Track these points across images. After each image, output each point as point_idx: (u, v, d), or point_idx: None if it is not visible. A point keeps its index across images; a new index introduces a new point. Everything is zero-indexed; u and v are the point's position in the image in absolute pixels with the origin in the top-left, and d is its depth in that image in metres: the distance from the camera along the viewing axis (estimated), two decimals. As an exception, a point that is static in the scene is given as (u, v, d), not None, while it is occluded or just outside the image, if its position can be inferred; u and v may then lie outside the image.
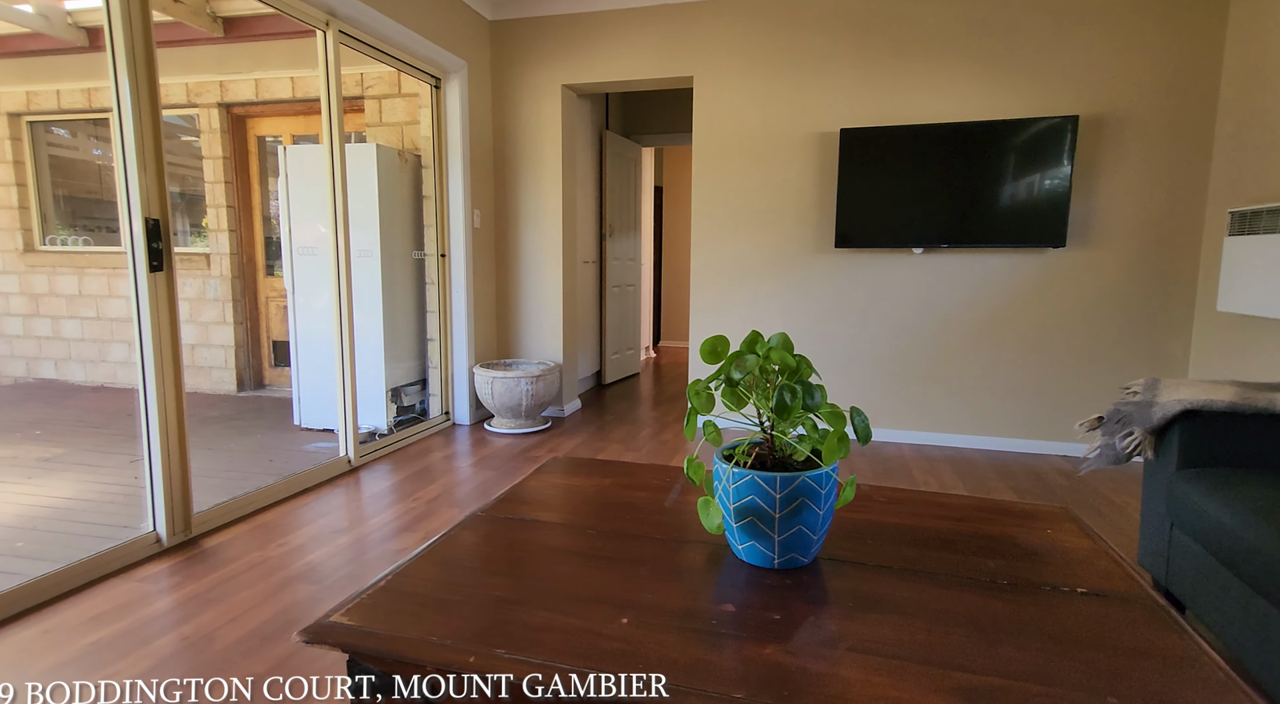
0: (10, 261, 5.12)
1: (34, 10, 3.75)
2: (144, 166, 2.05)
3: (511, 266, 4.08)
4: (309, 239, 3.61)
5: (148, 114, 2.05)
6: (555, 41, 3.81)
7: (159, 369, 2.11)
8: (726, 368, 1.06)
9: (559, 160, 3.91)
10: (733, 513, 1.02)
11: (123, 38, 1.98)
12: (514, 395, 3.55)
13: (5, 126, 4.99)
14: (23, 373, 5.22)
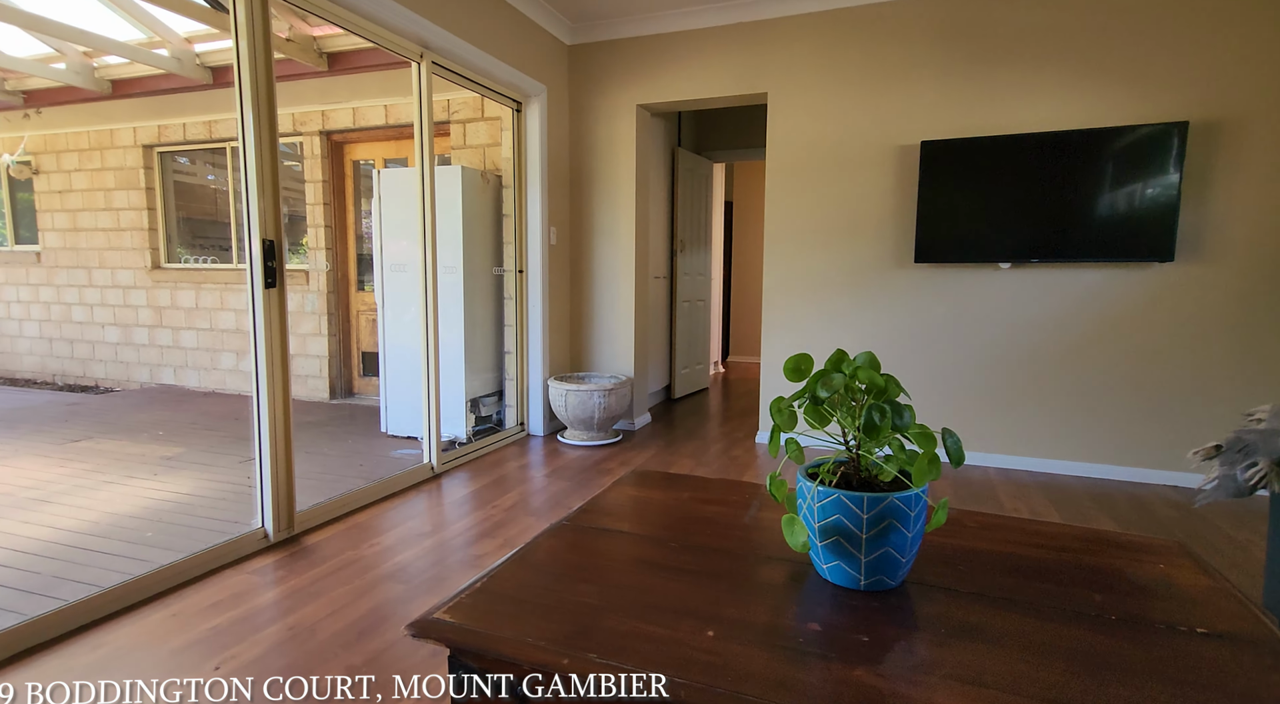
0: (140, 278, 5.68)
1: (169, 53, 4.19)
2: (262, 192, 2.25)
3: (585, 282, 4.19)
4: (399, 256, 3.84)
5: (267, 146, 2.25)
6: (630, 63, 3.91)
7: (270, 378, 2.30)
8: (812, 386, 1.06)
9: (633, 178, 3.99)
10: (817, 531, 1.01)
11: (248, 78, 2.19)
12: (586, 408, 3.63)
13: (140, 157, 5.57)
14: (147, 379, 5.76)
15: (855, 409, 1.05)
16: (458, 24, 3.04)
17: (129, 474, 3.19)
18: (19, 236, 6.35)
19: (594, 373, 4.12)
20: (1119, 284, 3.12)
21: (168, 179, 5.67)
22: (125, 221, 5.67)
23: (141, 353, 5.76)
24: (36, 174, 6.00)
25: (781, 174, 3.66)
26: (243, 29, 2.17)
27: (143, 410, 4.74)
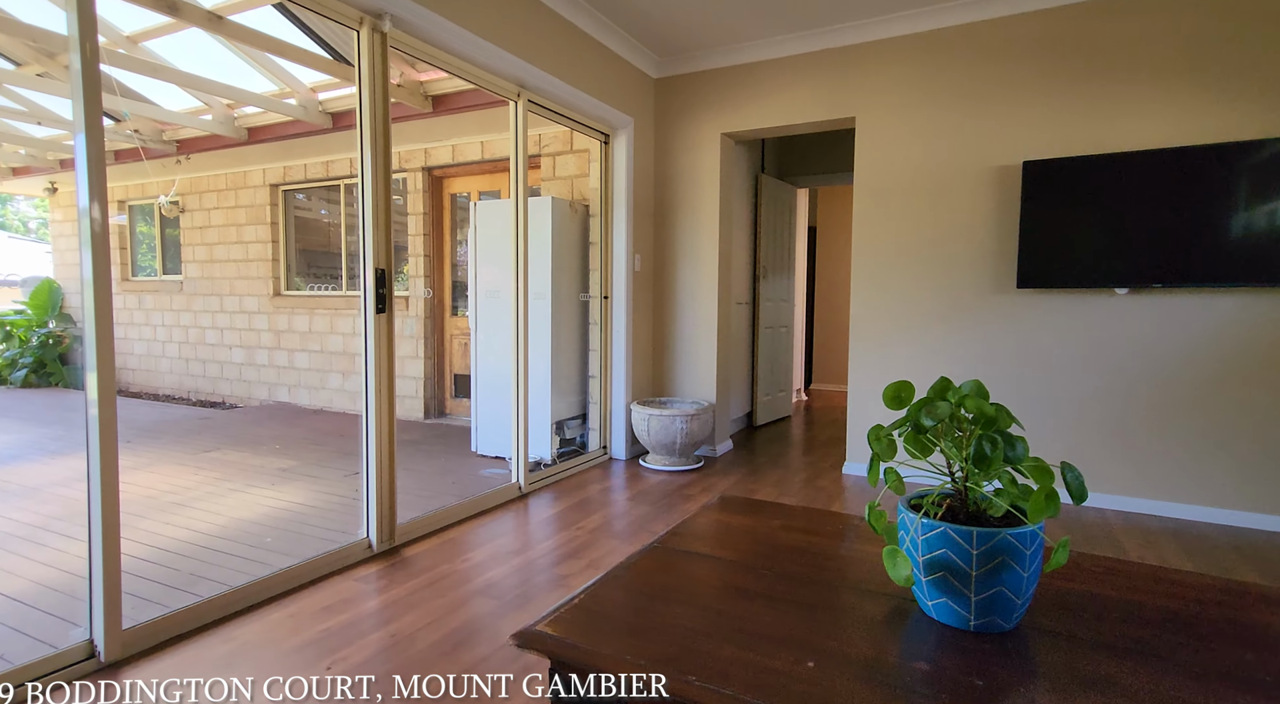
0: (263, 304, 6.25)
1: (296, 102, 4.65)
2: (376, 225, 2.44)
3: (668, 308, 4.24)
4: (491, 282, 4.03)
5: (382, 184, 2.45)
6: (715, 93, 3.98)
7: (378, 396, 2.46)
8: (914, 414, 1.04)
9: (716, 205, 4.03)
10: (922, 566, 0.98)
11: (369, 123, 2.41)
12: (669, 433, 3.64)
13: (268, 195, 6.18)
14: (265, 396, 6.29)
15: (962, 439, 1.01)
16: (552, 64, 3.21)
17: (250, 483, 3.48)
18: (166, 268, 7.16)
19: (676, 398, 4.13)
20: (1260, 310, 2.83)
21: (289, 214, 6.24)
22: (253, 253, 6.27)
23: (261, 373, 6.31)
24: (183, 212, 6.77)
25: (870, 198, 3.59)
26: (365, 79, 2.39)
27: (262, 426, 5.18)
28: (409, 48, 2.56)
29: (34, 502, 3.14)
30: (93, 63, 1.62)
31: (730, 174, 4.17)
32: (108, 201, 1.66)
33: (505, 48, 2.89)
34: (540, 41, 3.13)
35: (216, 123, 5.07)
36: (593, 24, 3.47)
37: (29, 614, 2.00)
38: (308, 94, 4.57)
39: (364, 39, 2.37)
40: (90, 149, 1.63)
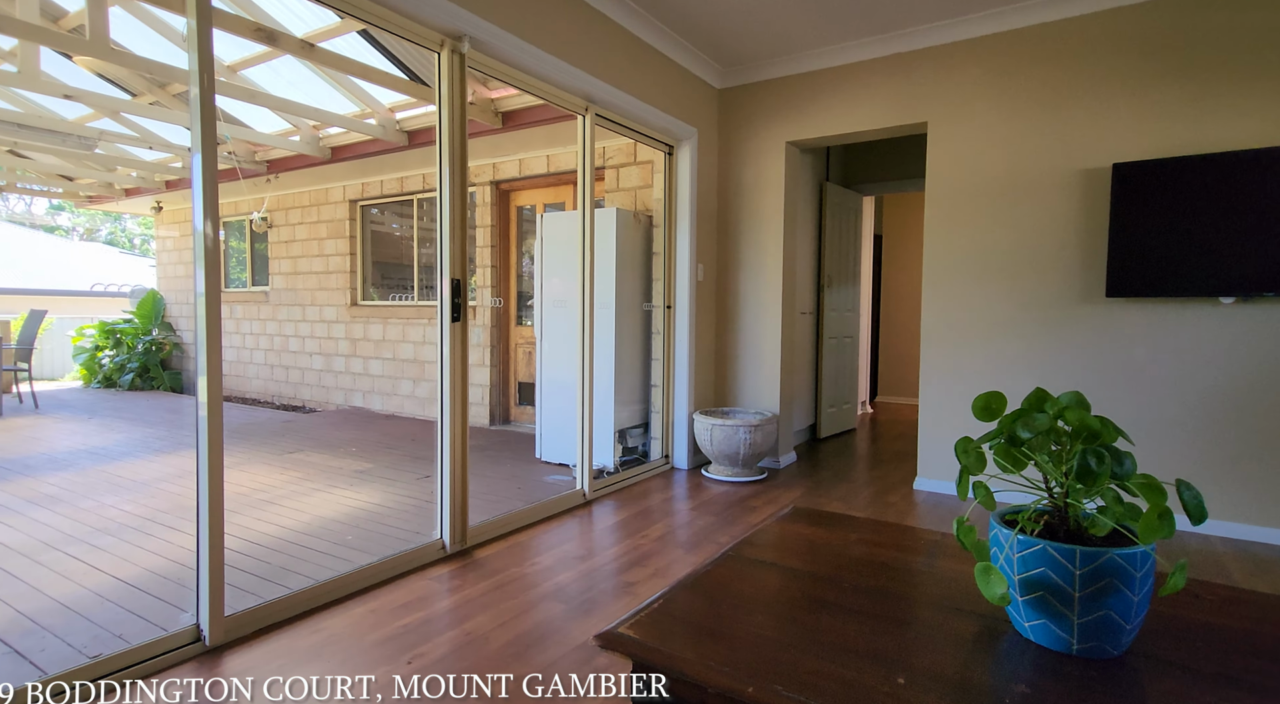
0: (340, 314, 6.58)
1: (376, 122, 4.90)
2: (453, 238, 2.54)
3: (731, 318, 4.22)
4: (556, 292, 4.12)
5: (459, 198, 2.55)
6: (779, 102, 3.96)
7: (453, 402, 2.55)
8: (1008, 426, 1.00)
9: (780, 214, 4.00)
10: (1018, 585, 0.94)
11: (448, 141, 2.52)
12: (732, 444, 3.62)
13: (347, 210, 6.52)
14: (342, 401, 6.61)
15: (1061, 453, 0.97)
16: (619, 77, 3.27)
17: (331, 484, 3.66)
18: (254, 279, 7.65)
19: (738, 409, 4.10)
20: (1387, 320, 2.58)
21: (366, 228, 6.57)
22: (332, 265, 6.63)
23: (339, 379, 6.63)
24: (271, 228, 7.23)
25: (943, 205, 3.48)
26: (444, 98, 2.50)
27: (339, 429, 5.44)
28: (485, 67, 2.67)
29: (143, 495, 3.40)
30: (209, 95, 1.76)
31: (794, 183, 4.13)
32: (219, 220, 1.79)
33: (574, 64, 2.96)
34: (607, 56, 3.20)
35: (303, 143, 5.40)
36: (658, 37, 3.52)
37: (142, 599, 2.16)
38: (386, 114, 4.81)
39: (444, 61, 2.48)
40: (205, 171, 1.77)
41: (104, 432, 5.25)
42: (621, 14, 3.24)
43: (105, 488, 3.55)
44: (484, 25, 2.49)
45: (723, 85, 4.16)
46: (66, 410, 6.41)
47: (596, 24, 3.13)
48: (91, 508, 3.17)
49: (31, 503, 3.22)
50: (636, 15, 3.32)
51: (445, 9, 2.34)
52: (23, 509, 3.12)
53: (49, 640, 1.87)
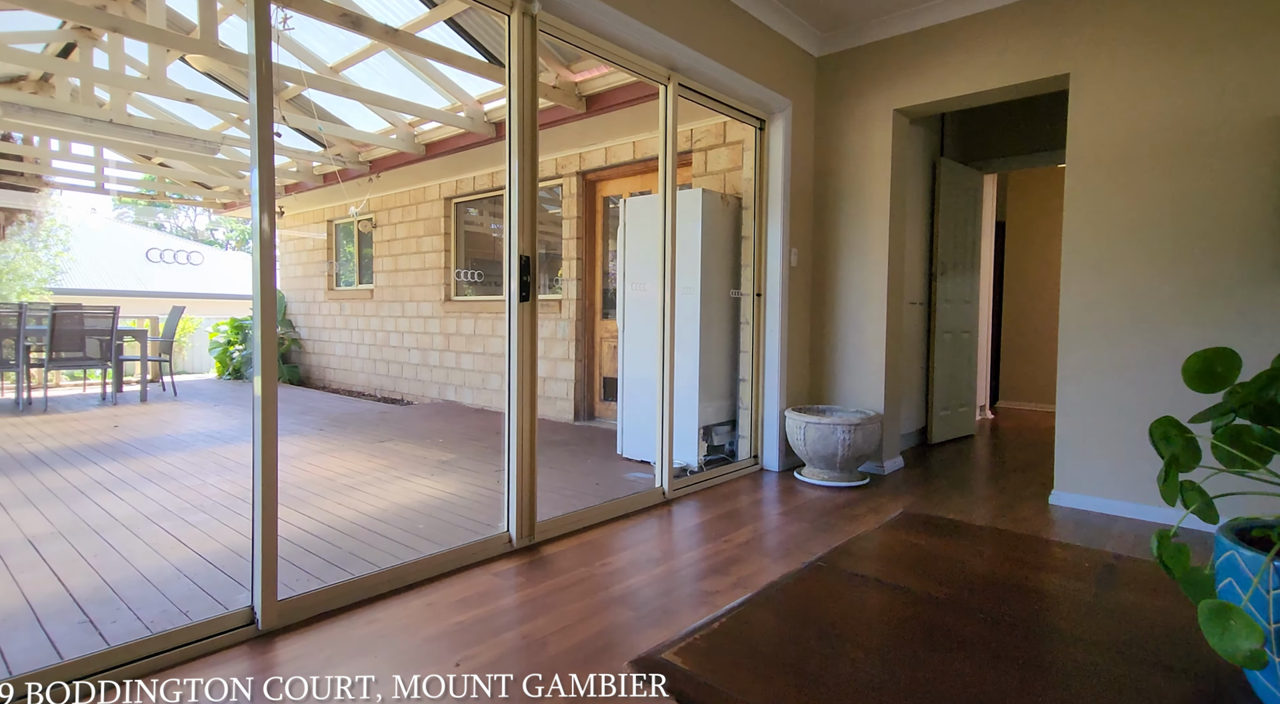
0: (435, 309, 6.76)
1: (465, 115, 4.94)
2: (522, 213, 2.40)
3: (828, 307, 3.84)
4: (640, 281, 3.93)
5: (528, 167, 2.40)
6: (886, 66, 3.56)
7: (520, 389, 2.41)
8: (1252, 396, 0.67)
9: (886, 193, 3.59)
10: (1276, 636, 0.61)
11: (516, 105, 2.38)
12: (829, 444, 3.26)
13: (442, 208, 6.69)
14: (435, 395, 6.78)
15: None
16: (704, 43, 3.03)
17: (413, 472, 3.66)
18: (361, 278, 8.05)
19: (836, 407, 3.72)
20: None
21: (460, 225, 6.71)
22: (428, 263, 6.82)
23: (433, 373, 6.81)
24: (375, 228, 7.57)
25: (1089, 171, 2.96)
26: (514, 63, 2.37)
27: (430, 421, 5.54)
28: (557, 30, 2.51)
29: (243, 476, 3.54)
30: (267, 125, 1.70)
31: (903, 157, 3.70)
32: (275, 216, 1.74)
33: (655, 26, 2.75)
34: (692, 18, 2.96)
35: (401, 141, 5.56)
36: (754, 2, 3.25)
37: (215, 576, 2.16)
38: (475, 106, 4.83)
39: (514, 23, 2.35)
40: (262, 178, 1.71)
41: (223, 417, 5.64)
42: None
43: (212, 468, 3.73)
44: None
45: (821, 53, 3.81)
46: (199, 398, 6.99)
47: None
48: (195, 486, 3.31)
49: (145, 478, 3.43)
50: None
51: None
52: (136, 484, 3.31)
53: (122, 612, 1.88)
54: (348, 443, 4.51)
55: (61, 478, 3.45)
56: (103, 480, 3.41)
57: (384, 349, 7.45)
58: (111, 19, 3.18)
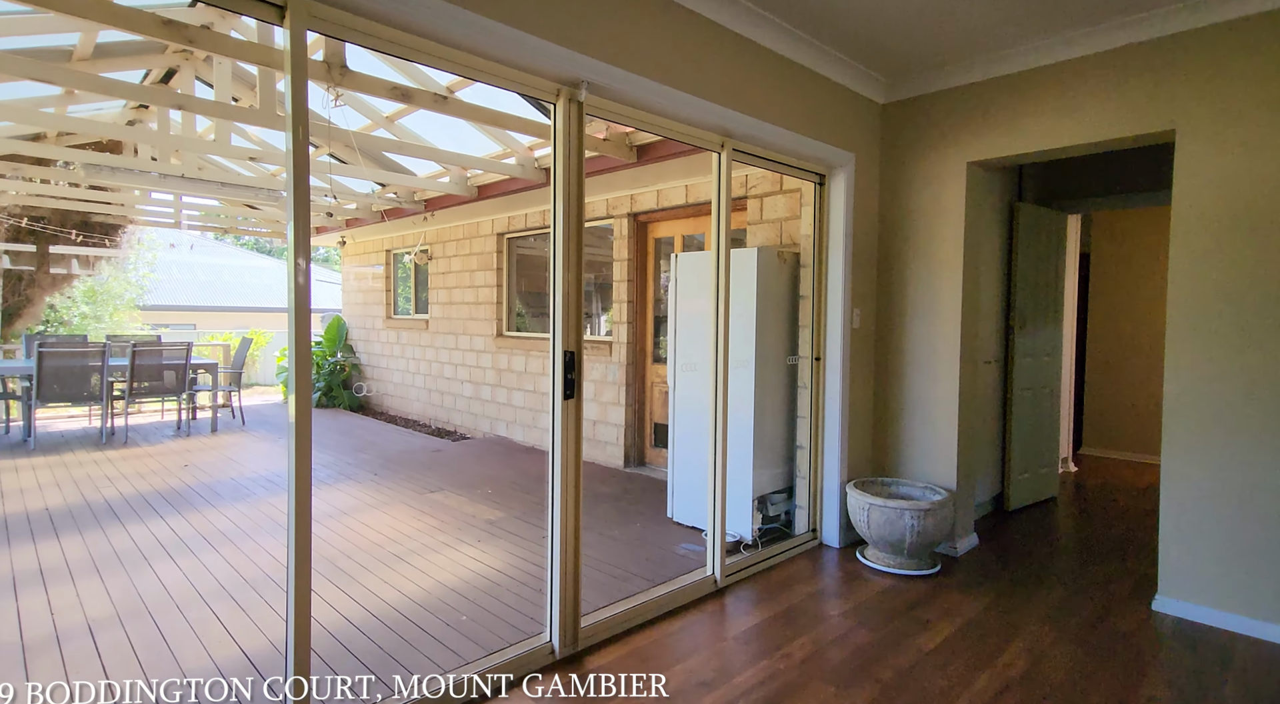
0: (488, 344, 6.77)
1: (515, 161, 4.90)
2: (567, 306, 2.28)
3: (893, 371, 3.58)
4: (690, 338, 3.77)
5: (574, 259, 2.28)
6: (959, 115, 3.28)
7: (564, 490, 2.29)
8: None
9: (959, 248, 3.31)
10: None
11: (561, 198, 2.26)
12: (895, 529, 3.01)
13: (494, 243, 6.71)
14: (487, 429, 6.80)
15: None
16: (761, 106, 2.85)
17: (460, 536, 3.60)
18: (417, 308, 8.19)
19: (902, 480, 3.46)
20: None
21: (512, 260, 6.71)
22: (481, 297, 6.85)
23: (485, 407, 6.83)
24: (430, 259, 7.68)
25: (1199, 233, 2.62)
26: (559, 152, 2.25)
27: (481, 462, 5.52)
28: (606, 111, 2.39)
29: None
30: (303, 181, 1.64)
31: (978, 210, 3.41)
32: (309, 271, 1.67)
33: (708, 97, 2.59)
34: (747, 83, 2.79)
35: (453, 184, 5.58)
36: (808, 53, 3.05)
37: (255, 681, 2.13)
38: (525, 153, 4.78)
39: (559, 111, 2.24)
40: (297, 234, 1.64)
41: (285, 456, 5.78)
42: (765, 33, 2.81)
43: (268, 526, 3.78)
44: (604, 68, 2.21)
45: (887, 99, 3.56)
46: (264, 427, 7.24)
47: (735, 48, 2.73)
48: (250, 552, 3.35)
49: (204, 540, 3.49)
50: (783, 33, 2.87)
51: (561, 57, 2.08)
52: (195, 547, 3.37)
53: None
54: (398, 493, 4.52)
55: (128, 535, 3.56)
56: (165, 540, 3.49)
57: (438, 380, 7.54)
58: (176, 98, 3.27)
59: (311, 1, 1.66)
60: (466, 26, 1.86)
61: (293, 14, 1.64)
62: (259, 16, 1.64)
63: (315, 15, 1.68)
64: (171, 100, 3.26)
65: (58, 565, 3.14)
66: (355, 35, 1.78)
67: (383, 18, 1.76)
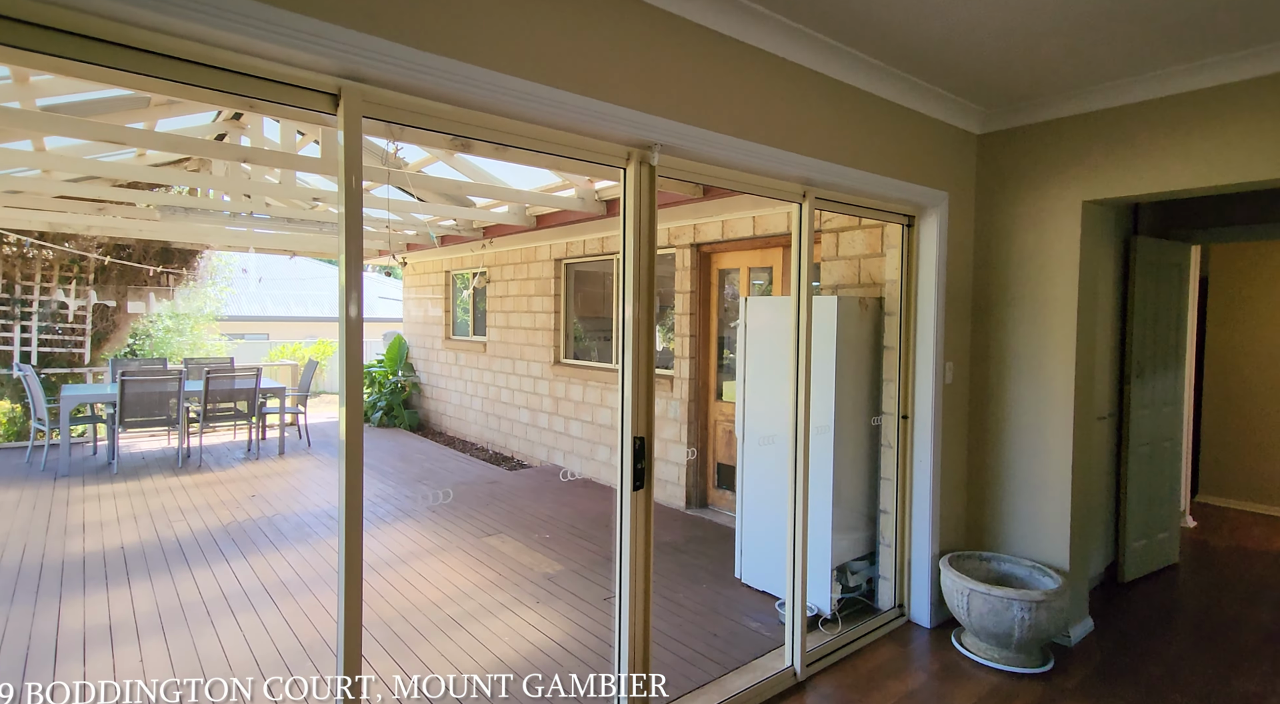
0: (545, 371, 6.67)
1: (575, 194, 4.75)
2: (637, 387, 2.07)
3: (991, 430, 3.22)
4: (760, 389, 3.51)
5: (644, 338, 2.07)
6: (1072, 147, 2.90)
7: (633, 600, 2.08)
8: None
9: (1073, 295, 2.93)
10: None
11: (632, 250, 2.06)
12: (1001, 621, 2.67)
13: (552, 268, 6.60)
14: (544, 458, 6.69)
15: None
16: (847, 151, 2.57)
17: (518, 595, 3.46)
18: (475, 329, 8.19)
19: (1003, 556, 3.10)
20: None
21: (571, 285, 6.58)
22: (539, 323, 6.75)
23: (542, 435, 6.72)
24: (489, 283, 7.65)
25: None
26: (629, 227, 2.05)
27: (538, 499, 5.39)
28: (679, 171, 2.18)
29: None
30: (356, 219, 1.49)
31: (1093, 251, 3.02)
32: (361, 306, 1.52)
33: (788, 147, 2.34)
34: (831, 127, 2.52)
35: (510, 214, 5.49)
36: (898, 88, 2.74)
37: None
38: (586, 185, 4.62)
39: (630, 177, 2.04)
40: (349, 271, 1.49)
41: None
42: (848, 70, 2.53)
43: (329, 574, 3.74)
44: (677, 128, 1.99)
45: (984, 130, 3.21)
46: (329, 451, 7.36)
47: (816, 90, 2.47)
48: (308, 607, 3.30)
49: (264, 594, 3.45)
50: (869, 69, 2.58)
51: (632, 121, 1.88)
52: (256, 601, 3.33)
53: None
54: (455, 536, 4.42)
55: (194, 583, 3.57)
56: (229, 591, 3.48)
57: (495, 404, 7.49)
58: (241, 151, 3.25)
59: (365, 86, 1.51)
60: (529, 99, 1.68)
61: (346, 103, 1.49)
62: (311, 106, 1.50)
63: (369, 100, 1.53)
64: (236, 154, 3.25)
65: (125, 619, 3.16)
66: (412, 116, 1.62)
67: (440, 96, 1.60)
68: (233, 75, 1.41)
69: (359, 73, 1.47)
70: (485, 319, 7.81)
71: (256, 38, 1.31)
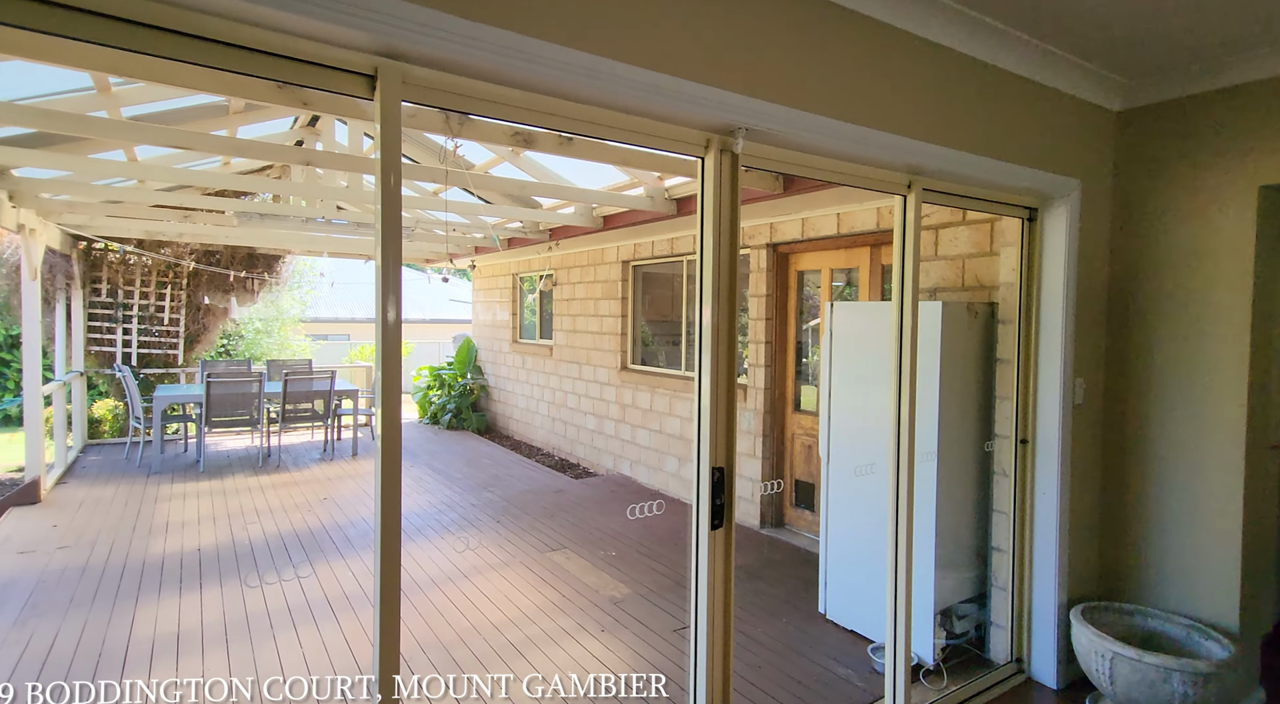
0: (612, 376, 6.46)
1: (644, 192, 4.51)
2: (715, 412, 1.79)
3: (1133, 458, 2.74)
4: (848, 404, 3.14)
5: (725, 356, 1.79)
6: (1245, 122, 2.40)
7: (710, 651, 1.79)
8: None
9: (1242, 298, 2.43)
10: None
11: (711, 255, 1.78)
12: (1157, 694, 2.22)
13: (619, 271, 6.38)
14: (610, 466, 6.48)
15: None
16: (959, 132, 2.19)
17: (582, 621, 3.24)
18: (541, 332, 8.10)
19: (1149, 609, 2.62)
20: None
21: (638, 288, 6.35)
22: (605, 327, 6.55)
23: (608, 443, 6.52)
24: (555, 285, 7.54)
25: None
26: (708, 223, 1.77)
27: (604, 511, 5.17)
28: (765, 160, 1.88)
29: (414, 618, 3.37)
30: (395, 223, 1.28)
31: (1271, 246, 2.50)
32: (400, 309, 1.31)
33: (893, 129, 1.99)
34: (942, 104, 2.15)
35: (577, 215, 5.31)
36: (1022, 56, 2.33)
37: None
38: (655, 184, 4.37)
39: (709, 167, 1.76)
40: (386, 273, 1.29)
41: (415, 489, 5.79)
42: (965, 37, 2.16)
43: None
44: (765, 109, 1.69)
45: (1125, 105, 2.73)
46: (399, 453, 7.43)
47: (927, 62, 2.11)
48: (369, 626, 3.19)
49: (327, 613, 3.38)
50: (992, 35, 2.19)
51: (711, 101, 1.60)
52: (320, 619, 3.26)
53: None
54: (519, 550, 4.26)
55: (260, 593, 3.55)
56: (294, 603, 3.43)
57: (561, 409, 7.36)
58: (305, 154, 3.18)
59: (405, 65, 1.30)
60: (594, 76, 1.43)
61: (383, 84, 1.28)
62: (345, 90, 1.30)
63: (410, 81, 1.32)
64: (300, 156, 3.18)
65: (193, 629, 3.14)
66: (460, 101, 1.40)
67: (492, 76, 1.37)
68: (258, 55, 1.22)
69: (397, 49, 1.25)
70: (551, 322, 7.70)
71: (280, 8, 1.11)
